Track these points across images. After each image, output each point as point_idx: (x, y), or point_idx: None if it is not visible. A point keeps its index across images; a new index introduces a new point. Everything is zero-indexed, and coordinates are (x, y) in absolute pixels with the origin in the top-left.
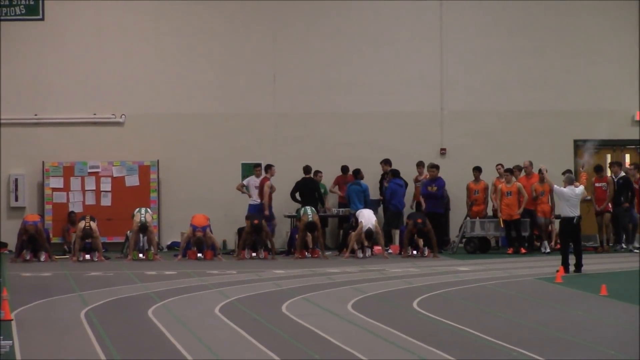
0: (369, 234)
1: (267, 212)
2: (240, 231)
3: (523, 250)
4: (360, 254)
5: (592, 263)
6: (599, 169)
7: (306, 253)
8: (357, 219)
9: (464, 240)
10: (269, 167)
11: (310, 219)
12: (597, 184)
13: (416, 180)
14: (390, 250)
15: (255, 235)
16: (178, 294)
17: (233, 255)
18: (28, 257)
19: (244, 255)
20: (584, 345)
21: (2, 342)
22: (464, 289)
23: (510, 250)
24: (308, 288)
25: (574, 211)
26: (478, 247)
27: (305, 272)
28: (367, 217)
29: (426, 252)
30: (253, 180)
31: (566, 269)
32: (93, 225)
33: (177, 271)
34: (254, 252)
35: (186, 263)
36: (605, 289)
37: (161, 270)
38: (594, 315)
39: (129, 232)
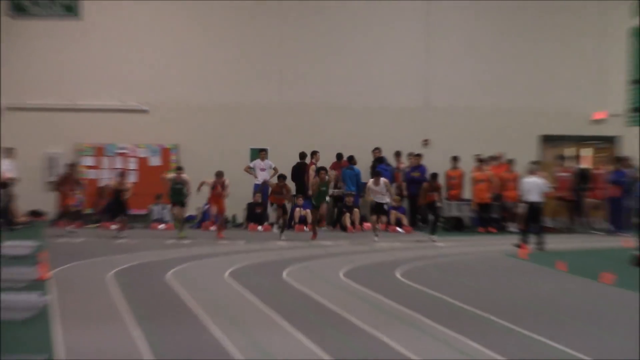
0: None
1: (310, 193)
2: (249, 206)
3: (493, 230)
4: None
5: (553, 242)
6: (561, 158)
7: (305, 228)
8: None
9: (442, 219)
10: (314, 153)
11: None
12: (560, 174)
13: (397, 168)
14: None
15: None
16: (193, 260)
17: (242, 227)
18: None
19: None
20: (547, 314)
21: (41, 297)
22: (441, 262)
23: (481, 229)
24: (306, 258)
25: (536, 197)
26: (454, 226)
27: (304, 244)
28: (377, 191)
29: (404, 230)
30: (258, 163)
31: (528, 246)
32: (127, 190)
33: (192, 240)
34: (259, 225)
35: (201, 233)
36: (564, 265)
37: (178, 239)
38: (554, 288)
39: (150, 205)
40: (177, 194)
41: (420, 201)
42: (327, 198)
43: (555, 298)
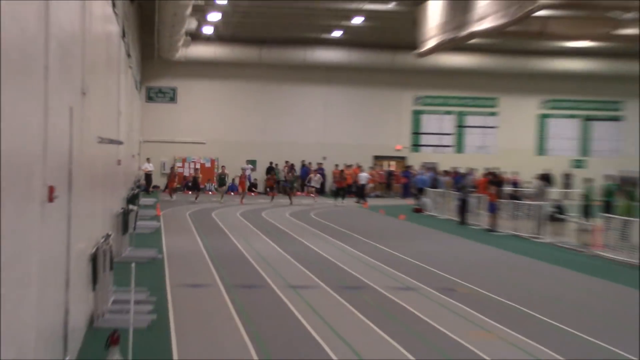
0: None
1: (285, 180)
2: (251, 184)
3: (352, 196)
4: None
5: (378, 201)
6: (381, 166)
7: (275, 194)
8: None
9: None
10: (287, 162)
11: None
12: (380, 172)
13: (310, 169)
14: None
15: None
16: (223, 208)
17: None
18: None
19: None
20: (376, 233)
21: (157, 223)
22: (330, 210)
23: (349, 196)
24: (272, 207)
25: (364, 181)
26: (337, 195)
27: (269, 202)
28: (316, 181)
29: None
30: (246, 165)
31: (366, 203)
32: (200, 177)
33: (225, 201)
34: (252, 192)
35: (228, 197)
36: (383, 211)
37: (218, 200)
38: (379, 221)
39: (205, 183)
40: (221, 179)
41: (337, 185)
42: (295, 184)
43: (380, 226)
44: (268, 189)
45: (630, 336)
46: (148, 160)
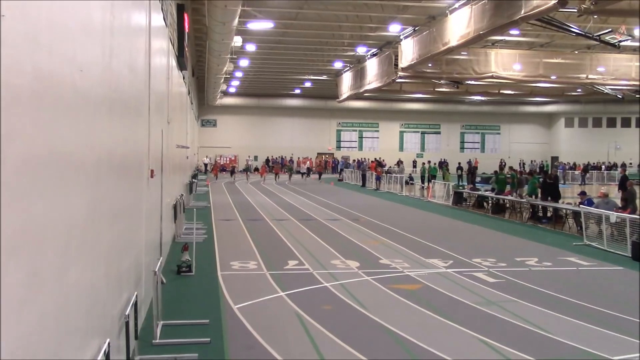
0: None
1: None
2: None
3: (314, 177)
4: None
5: (325, 177)
6: (322, 158)
7: (275, 177)
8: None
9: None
10: (284, 157)
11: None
12: (322, 160)
13: (291, 161)
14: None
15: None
16: (242, 182)
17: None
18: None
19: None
20: (322, 192)
21: (207, 189)
22: (299, 183)
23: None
24: (269, 181)
25: (308, 165)
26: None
27: (273, 180)
28: (304, 168)
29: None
30: (249, 159)
31: (312, 176)
32: (236, 166)
33: (244, 178)
34: (256, 172)
35: (249, 176)
36: (323, 181)
37: (242, 179)
38: (320, 186)
39: (236, 169)
40: (247, 168)
41: (318, 170)
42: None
43: (320, 188)
44: (274, 174)
45: (446, 240)
46: (206, 156)
